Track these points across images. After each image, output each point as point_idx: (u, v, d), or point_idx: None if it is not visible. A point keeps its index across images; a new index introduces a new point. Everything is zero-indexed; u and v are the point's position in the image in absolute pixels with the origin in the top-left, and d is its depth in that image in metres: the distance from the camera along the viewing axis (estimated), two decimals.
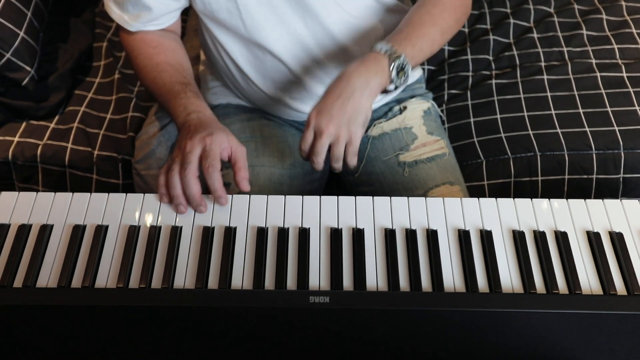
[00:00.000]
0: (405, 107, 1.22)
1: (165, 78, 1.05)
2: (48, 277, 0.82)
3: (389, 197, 0.90)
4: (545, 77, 1.48)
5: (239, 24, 1.07)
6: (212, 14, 1.07)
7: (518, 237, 0.86)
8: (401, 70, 0.94)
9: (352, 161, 0.95)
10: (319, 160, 0.94)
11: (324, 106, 0.93)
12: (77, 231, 0.86)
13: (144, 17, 1.08)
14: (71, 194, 0.91)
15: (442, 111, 1.47)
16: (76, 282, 0.82)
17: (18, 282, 0.81)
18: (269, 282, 0.81)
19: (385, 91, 0.96)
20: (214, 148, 0.89)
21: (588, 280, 0.83)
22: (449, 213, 0.89)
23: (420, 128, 1.23)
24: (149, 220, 0.88)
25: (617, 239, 0.86)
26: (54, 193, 0.91)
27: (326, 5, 1.06)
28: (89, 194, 0.91)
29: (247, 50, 1.11)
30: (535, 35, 1.59)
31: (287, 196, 0.90)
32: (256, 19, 1.06)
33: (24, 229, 0.86)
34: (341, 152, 0.94)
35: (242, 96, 1.25)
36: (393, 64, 0.93)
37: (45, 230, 0.86)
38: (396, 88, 0.96)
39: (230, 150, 0.92)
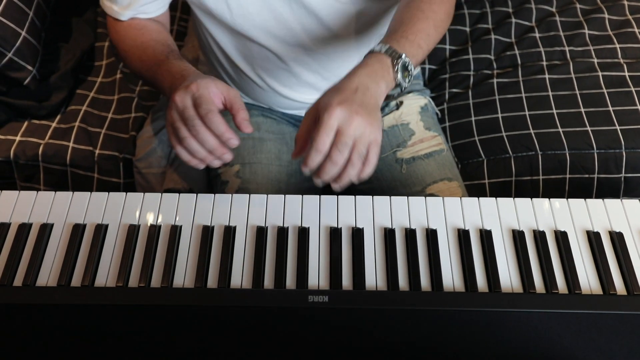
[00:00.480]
0: (401, 102, 1.21)
1: (149, 53, 1.03)
2: (48, 275, 0.82)
3: (388, 197, 0.90)
4: (546, 76, 1.47)
5: (224, 9, 1.05)
6: (200, 3, 1.06)
7: (518, 237, 0.86)
8: (405, 70, 0.89)
9: (369, 170, 0.82)
10: (339, 163, 0.78)
11: (346, 97, 0.80)
12: (77, 230, 0.86)
13: (134, 5, 1.06)
14: (71, 193, 0.91)
15: (443, 110, 1.47)
16: (76, 280, 0.82)
17: (18, 281, 0.82)
18: (269, 281, 0.82)
19: (389, 98, 0.93)
20: (203, 92, 0.84)
21: (588, 280, 0.83)
22: (448, 212, 0.89)
23: (418, 124, 1.22)
24: (148, 219, 0.88)
25: (617, 239, 0.86)
26: (54, 192, 0.91)
27: None
28: (89, 193, 0.91)
29: (235, 38, 1.11)
30: (537, 34, 1.59)
31: (286, 195, 0.90)
32: (242, 4, 1.04)
33: (24, 228, 0.86)
34: (363, 152, 0.80)
35: (237, 90, 1.25)
36: (397, 64, 0.88)
37: (46, 229, 0.86)
38: (401, 91, 0.91)
39: (221, 95, 0.87)
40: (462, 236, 0.86)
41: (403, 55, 0.89)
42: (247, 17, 1.06)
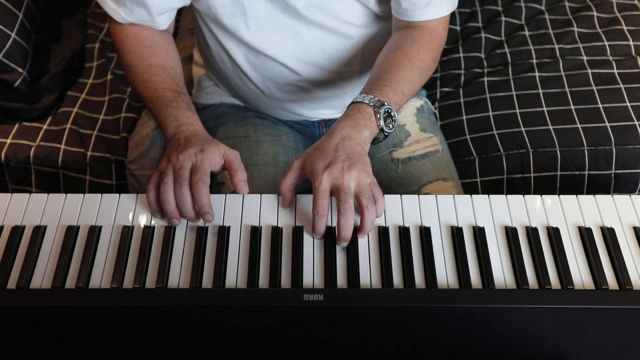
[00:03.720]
0: None
1: (157, 82, 1.01)
2: (42, 278, 0.82)
3: None
4: (536, 74, 1.48)
5: (242, 27, 1.06)
6: (215, 17, 1.06)
7: (510, 233, 0.86)
8: (388, 117, 0.91)
9: (382, 207, 0.86)
10: (348, 213, 0.82)
11: (330, 160, 0.85)
12: (71, 232, 0.86)
13: (142, 15, 1.05)
14: (64, 195, 0.90)
15: (434, 109, 1.47)
16: (70, 282, 0.81)
17: (12, 284, 0.81)
18: (263, 281, 0.82)
19: (374, 141, 0.93)
20: (205, 164, 0.87)
21: (580, 275, 0.83)
22: (441, 210, 0.89)
23: (413, 125, 1.23)
24: (142, 220, 0.88)
25: (609, 234, 0.87)
26: (47, 194, 0.91)
27: (333, 19, 1.06)
28: (82, 194, 0.90)
29: (249, 52, 1.11)
30: (526, 32, 1.60)
31: (280, 195, 0.91)
32: (261, 23, 1.05)
33: (17, 231, 0.86)
34: (369, 194, 0.84)
35: (238, 95, 1.25)
36: (379, 112, 0.90)
37: (39, 232, 0.86)
38: (386, 137, 0.93)
39: (223, 160, 0.91)
40: (456, 233, 0.86)
41: (386, 104, 0.91)
42: (264, 35, 1.07)
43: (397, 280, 0.82)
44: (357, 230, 0.85)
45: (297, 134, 1.25)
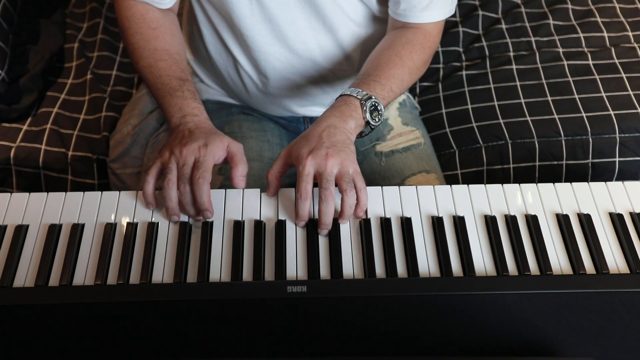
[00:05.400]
0: None
1: (162, 69, 0.99)
2: (25, 276, 0.82)
3: None
4: (514, 66, 1.50)
5: (246, 13, 1.05)
6: (220, 4, 1.05)
7: (490, 222, 0.88)
8: (374, 110, 0.92)
9: (365, 197, 0.87)
10: (328, 199, 0.84)
11: (314, 145, 0.86)
12: (53, 230, 0.86)
13: None
14: (46, 193, 0.90)
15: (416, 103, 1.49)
16: (53, 280, 0.82)
17: None
18: (247, 274, 0.82)
19: (361, 134, 0.94)
20: (208, 159, 0.87)
21: (558, 261, 0.85)
22: (422, 200, 0.91)
23: (396, 119, 1.25)
24: (125, 217, 0.88)
25: (586, 220, 0.88)
26: (28, 193, 0.90)
27: (334, 11, 1.07)
28: (64, 193, 0.90)
29: (248, 44, 1.11)
30: (503, 26, 1.62)
31: (261, 189, 0.91)
32: (266, 14, 1.06)
33: None
34: (350, 179, 0.85)
35: (226, 90, 1.25)
36: (365, 105, 0.91)
37: (21, 231, 0.86)
38: (372, 130, 0.94)
39: (226, 154, 0.90)
40: (436, 223, 0.87)
41: (373, 97, 0.93)
42: (265, 27, 1.07)
43: (379, 270, 0.83)
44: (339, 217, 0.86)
45: (282, 130, 1.26)
